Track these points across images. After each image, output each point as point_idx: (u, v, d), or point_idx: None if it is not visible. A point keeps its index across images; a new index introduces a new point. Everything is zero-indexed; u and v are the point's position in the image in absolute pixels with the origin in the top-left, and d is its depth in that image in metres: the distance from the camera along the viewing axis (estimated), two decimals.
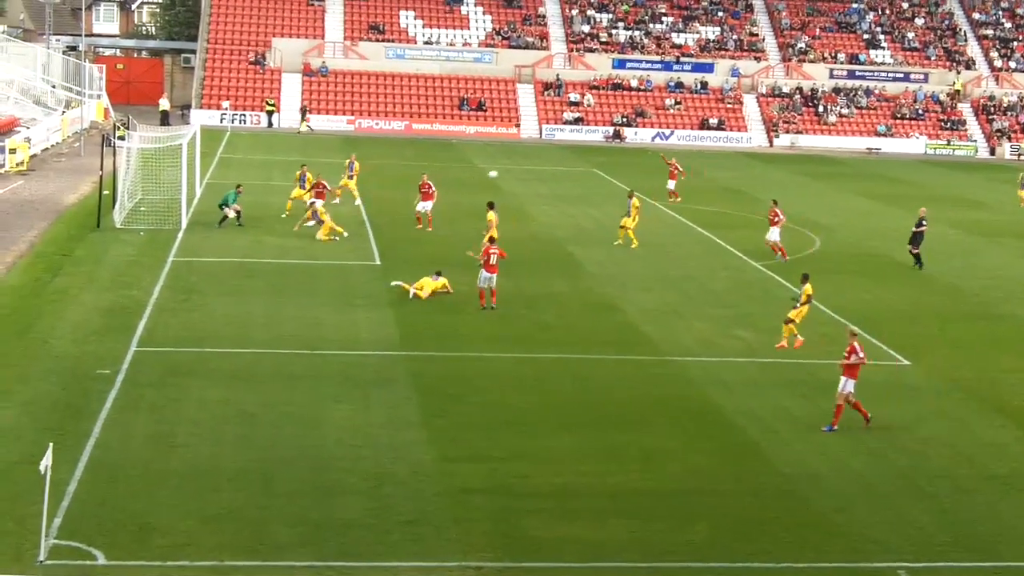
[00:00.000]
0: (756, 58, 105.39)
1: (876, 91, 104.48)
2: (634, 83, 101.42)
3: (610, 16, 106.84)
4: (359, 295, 39.62)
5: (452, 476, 24.65)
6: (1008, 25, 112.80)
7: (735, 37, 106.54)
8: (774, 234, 47.93)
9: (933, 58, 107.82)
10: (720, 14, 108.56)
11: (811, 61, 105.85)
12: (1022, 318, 41.54)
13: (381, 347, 33.77)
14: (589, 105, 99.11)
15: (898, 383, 33.13)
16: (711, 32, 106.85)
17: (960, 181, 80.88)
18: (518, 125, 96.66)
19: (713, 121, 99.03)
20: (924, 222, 48.45)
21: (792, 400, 29.47)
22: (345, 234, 47.90)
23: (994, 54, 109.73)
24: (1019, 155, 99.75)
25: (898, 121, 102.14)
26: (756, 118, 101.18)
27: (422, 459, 25.50)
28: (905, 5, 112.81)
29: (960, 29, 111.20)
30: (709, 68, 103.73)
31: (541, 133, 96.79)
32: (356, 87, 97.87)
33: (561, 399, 30.14)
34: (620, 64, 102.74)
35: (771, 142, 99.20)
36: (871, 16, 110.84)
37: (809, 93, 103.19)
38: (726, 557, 21.84)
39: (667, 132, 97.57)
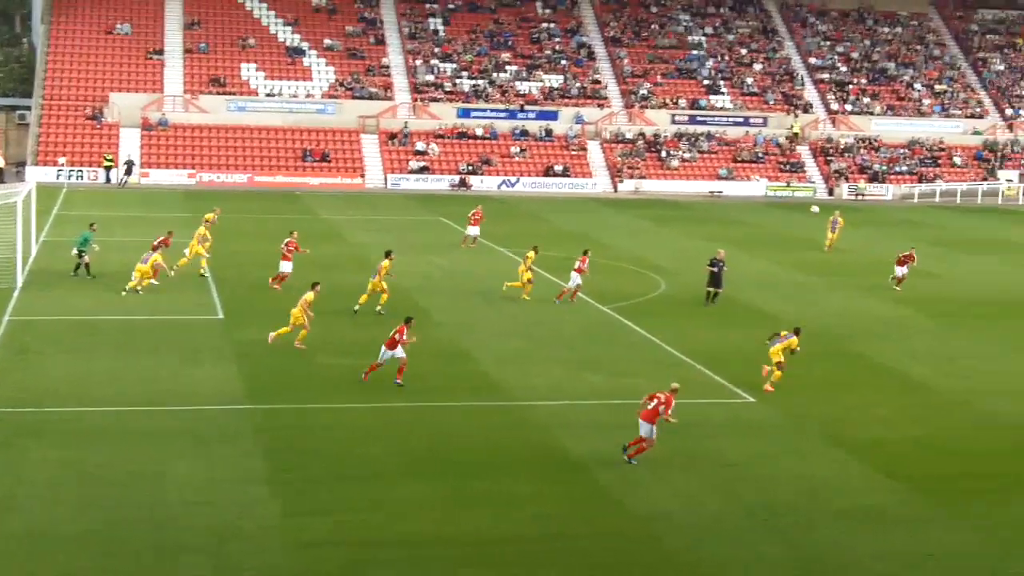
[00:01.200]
0: (599, 105, 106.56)
1: (717, 135, 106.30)
2: (479, 131, 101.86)
3: (454, 66, 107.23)
4: (203, 349, 38.93)
5: (299, 530, 24.24)
6: (844, 69, 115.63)
7: (579, 85, 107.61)
8: (576, 279, 48.46)
9: (772, 102, 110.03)
10: (563, 62, 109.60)
11: (653, 107, 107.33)
12: (863, 355, 42.28)
13: (226, 401, 33.20)
14: (434, 154, 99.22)
15: (743, 420, 33.53)
16: (555, 80, 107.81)
17: (800, 222, 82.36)
18: (363, 175, 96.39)
19: (558, 168, 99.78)
20: (720, 263, 49.21)
21: None
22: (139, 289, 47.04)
23: (831, 97, 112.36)
24: (856, 195, 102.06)
25: (739, 164, 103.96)
26: (600, 164, 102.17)
27: (268, 513, 25.04)
28: (744, 51, 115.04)
29: (797, 74, 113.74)
30: (553, 116, 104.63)
31: (386, 183, 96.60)
32: (197, 140, 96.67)
33: (411, 448, 29.87)
34: (465, 113, 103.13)
35: (616, 187, 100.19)
36: (711, 62, 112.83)
37: (652, 139, 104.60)
38: None
39: (513, 180, 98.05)
